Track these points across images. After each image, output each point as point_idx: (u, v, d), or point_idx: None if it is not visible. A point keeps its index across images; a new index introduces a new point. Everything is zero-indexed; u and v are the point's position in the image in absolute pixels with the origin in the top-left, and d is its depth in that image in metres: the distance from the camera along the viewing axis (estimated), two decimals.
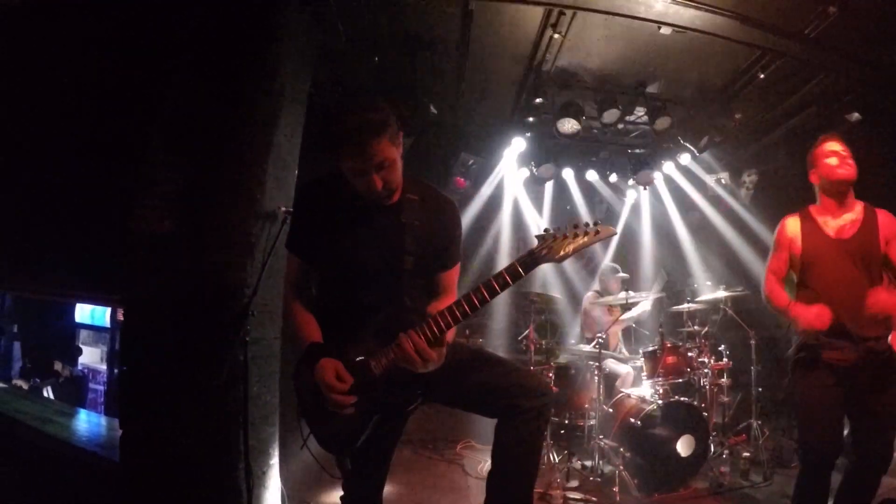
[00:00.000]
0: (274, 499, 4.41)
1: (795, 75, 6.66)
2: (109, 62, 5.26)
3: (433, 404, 3.15)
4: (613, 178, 9.46)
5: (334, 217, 2.92)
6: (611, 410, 6.21)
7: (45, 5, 5.36)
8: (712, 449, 6.12)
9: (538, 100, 7.03)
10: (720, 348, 6.80)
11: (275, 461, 4.43)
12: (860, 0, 5.27)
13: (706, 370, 6.54)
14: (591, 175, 9.42)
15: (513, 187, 9.67)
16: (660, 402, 5.82)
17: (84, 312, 7.55)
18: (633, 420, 5.80)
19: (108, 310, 6.94)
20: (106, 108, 5.26)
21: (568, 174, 9.37)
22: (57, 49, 5.55)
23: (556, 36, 5.90)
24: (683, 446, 5.69)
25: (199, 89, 4.41)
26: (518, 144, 8.17)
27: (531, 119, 7.61)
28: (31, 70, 5.74)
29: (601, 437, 6.00)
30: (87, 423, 6.18)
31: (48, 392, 7.39)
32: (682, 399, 5.95)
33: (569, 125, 7.26)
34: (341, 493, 3.19)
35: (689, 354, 6.50)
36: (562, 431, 6.60)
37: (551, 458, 6.21)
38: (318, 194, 3.02)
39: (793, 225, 4.04)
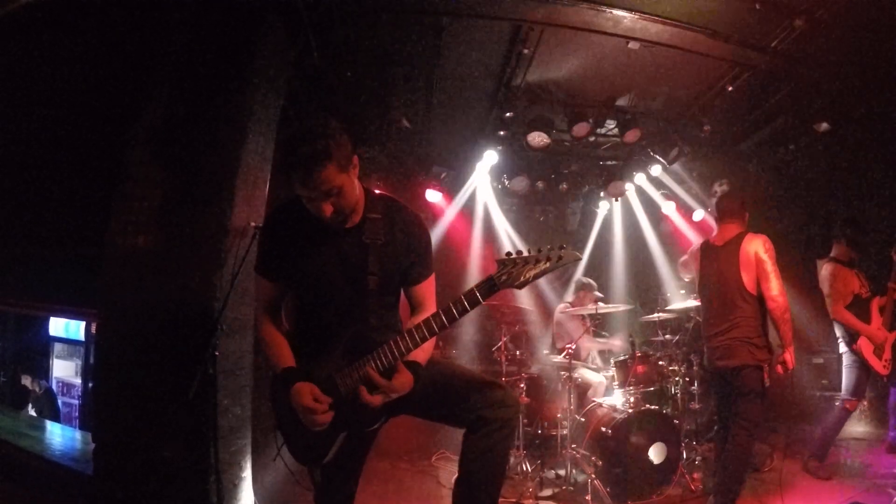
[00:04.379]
0: None
1: (763, 87, 6.77)
2: (89, 76, 5.30)
3: (408, 416, 3.18)
4: (585, 189, 9.54)
5: (299, 240, 2.93)
6: (583, 420, 6.26)
7: (23, 22, 5.37)
8: (684, 456, 6.14)
9: (508, 114, 7.12)
10: (691, 357, 6.85)
11: (246, 473, 4.45)
12: (826, 12, 5.37)
13: (677, 378, 6.61)
14: (563, 187, 9.45)
15: (485, 200, 9.70)
16: (631, 410, 5.87)
17: (58, 326, 7.49)
18: (604, 429, 5.84)
19: (83, 323, 6.89)
20: (84, 123, 5.28)
21: (540, 186, 9.38)
22: (36, 63, 5.56)
23: (526, 51, 6.00)
24: (655, 454, 5.75)
25: (177, 105, 4.46)
26: (490, 157, 8.22)
27: (502, 133, 7.69)
28: (8, 82, 5.75)
29: (573, 446, 6.03)
30: (61, 437, 6.17)
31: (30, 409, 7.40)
32: (653, 407, 6.01)
33: (539, 138, 7.37)
34: None
35: (661, 363, 6.57)
36: (535, 441, 6.64)
37: (524, 468, 6.23)
38: (284, 218, 3.02)
39: None
